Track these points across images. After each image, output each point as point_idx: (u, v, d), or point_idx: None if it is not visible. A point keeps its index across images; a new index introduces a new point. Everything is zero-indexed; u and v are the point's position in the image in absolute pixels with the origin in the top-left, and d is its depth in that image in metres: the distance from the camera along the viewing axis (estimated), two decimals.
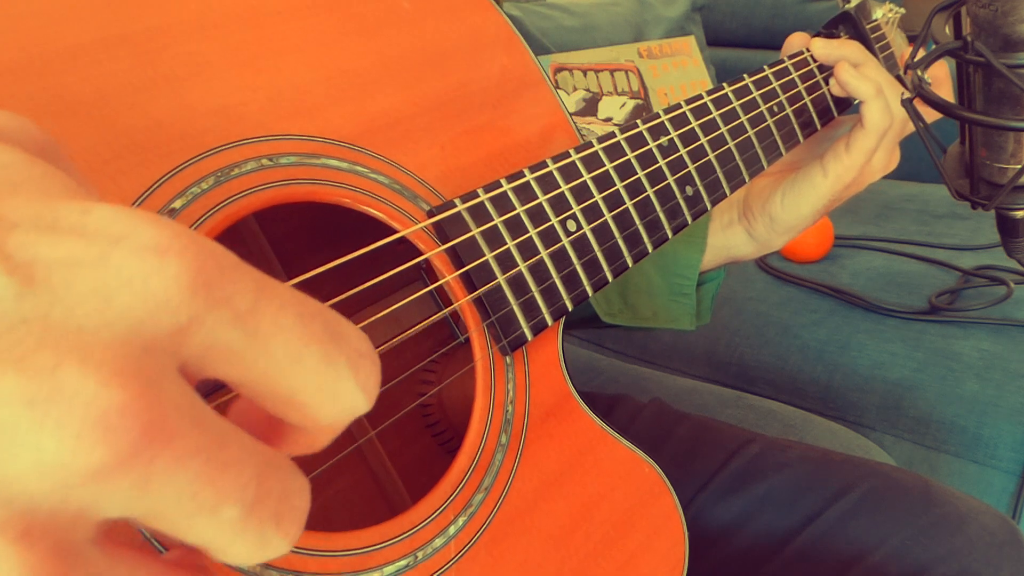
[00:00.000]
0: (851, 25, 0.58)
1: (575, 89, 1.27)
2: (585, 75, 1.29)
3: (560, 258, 0.37)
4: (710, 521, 0.59)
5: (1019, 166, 0.44)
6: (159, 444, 0.13)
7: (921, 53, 0.44)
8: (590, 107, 1.28)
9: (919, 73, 0.44)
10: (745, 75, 0.49)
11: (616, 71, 1.33)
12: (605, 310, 0.61)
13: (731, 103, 0.47)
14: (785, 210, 0.56)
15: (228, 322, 0.14)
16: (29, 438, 0.12)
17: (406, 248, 0.34)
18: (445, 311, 0.35)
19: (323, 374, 0.15)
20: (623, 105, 1.31)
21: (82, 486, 0.13)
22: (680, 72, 1.39)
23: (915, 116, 0.45)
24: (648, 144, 0.41)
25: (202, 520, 0.14)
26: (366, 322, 0.35)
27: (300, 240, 0.45)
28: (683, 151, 0.43)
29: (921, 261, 1.11)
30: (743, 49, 1.63)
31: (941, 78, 0.59)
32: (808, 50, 0.54)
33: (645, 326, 0.61)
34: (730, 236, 0.59)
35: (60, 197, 0.14)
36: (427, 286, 0.37)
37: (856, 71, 0.53)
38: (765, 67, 0.51)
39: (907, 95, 0.44)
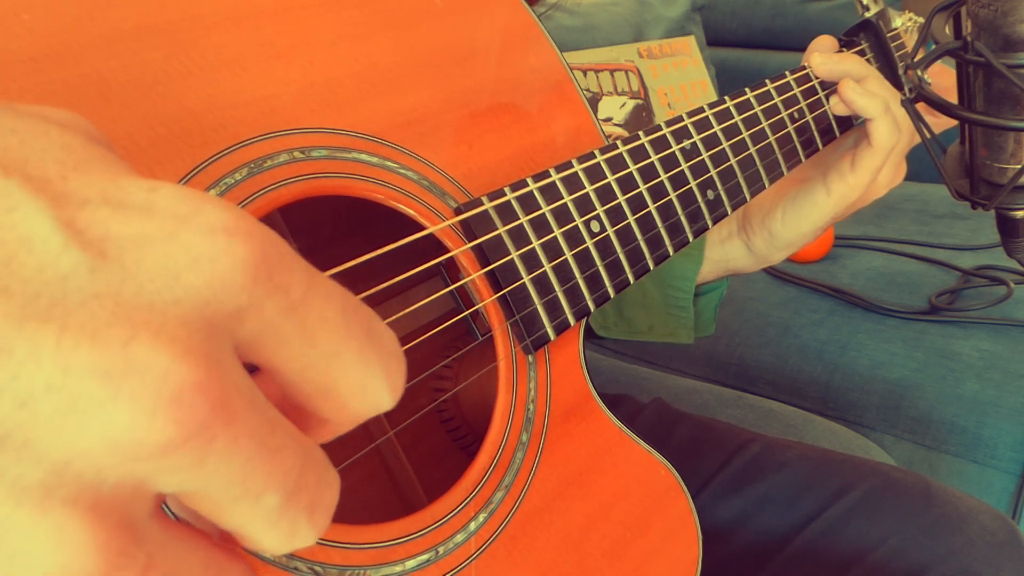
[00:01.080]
0: (872, 33, 0.57)
1: None
2: (585, 75, 1.29)
3: (584, 259, 0.37)
4: (711, 520, 0.59)
5: (1019, 166, 0.44)
6: (222, 423, 0.13)
7: (921, 53, 0.44)
8: (590, 107, 1.28)
9: (919, 73, 0.44)
10: (767, 80, 0.49)
11: (616, 71, 1.33)
12: (600, 323, 0.60)
13: (753, 108, 0.47)
14: (785, 227, 0.54)
15: (282, 310, 0.14)
16: (102, 410, 0.12)
17: (429, 242, 0.34)
18: (472, 308, 0.35)
19: (358, 370, 0.16)
20: (623, 105, 1.31)
21: (147, 460, 0.13)
22: (680, 72, 1.39)
23: (916, 117, 0.45)
24: (672, 147, 0.41)
25: (245, 505, 0.14)
26: (389, 320, 0.34)
27: (320, 230, 0.45)
28: (705, 155, 0.43)
29: (921, 261, 1.12)
30: (743, 49, 1.63)
31: (948, 88, 0.58)
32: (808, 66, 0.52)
33: (641, 339, 0.60)
34: (728, 249, 0.58)
35: (125, 176, 0.15)
36: (446, 281, 0.37)
37: (861, 88, 0.50)
38: (787, 72, 0.51)
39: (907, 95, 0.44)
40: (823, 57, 0.52)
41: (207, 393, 0.13)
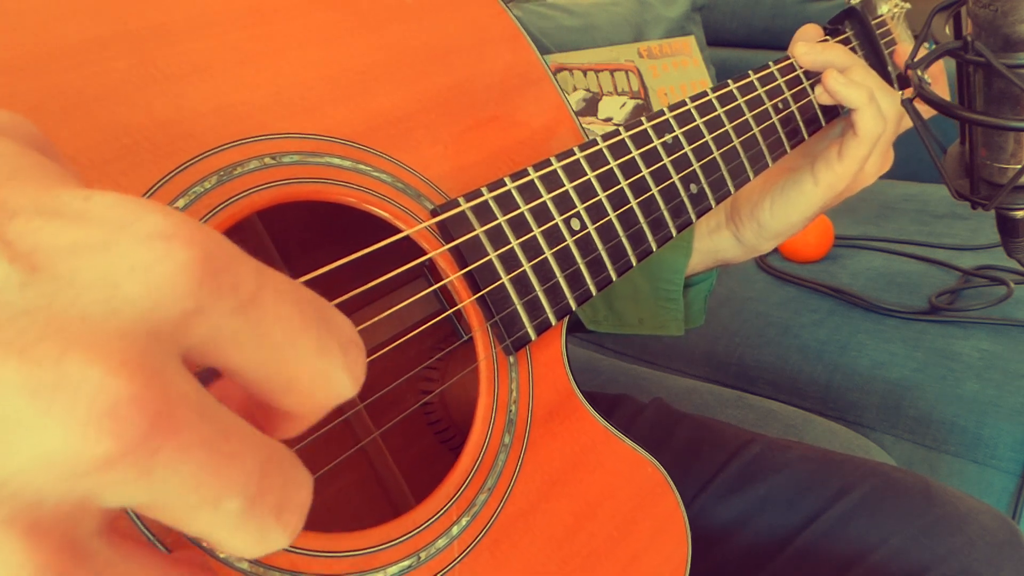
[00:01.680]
0: (857, 21, 0.57)
1: (575, 89, 1.27)
2: (585, 75, 1.29)
3: (564, 257, 0.37)
4: (711, 521, 0.59)
5: (1019, 166, 0.44)
6: (165, 434, 0.13)
7: (921, 53, 0.44)
8: (590, 107, 1.28)
9: (919, 73, 0.44)
10: (751, 71, 0.49)
11: (616, 71, 1.33)
12: (589, 317, 0.60)
13: (736, 100, 0.47)
14: (774, 217, 0.54)
15: (232, 310, 0.14)
16: (34, 428, 0.12)
17: (410, 245, 0.34)
18: (448, 312, 0.35)
19: (318, 360, 0.16)
20: (623, 105, 1.31)
21: (86, 476, 0.12)
22: (680, 72, 1.39)
23: (916, 116, 0.45)
24: (653, 142, 0.41)
25: (204, 512, 0.14)
26: (370, 322, 0.35)
27: (302, 235, 0.45)
28: (688, 148, 0.43)
29: (921, 261, 1.11)
30: (743, 49, 1.63)
31: (935, 75, 0.58)
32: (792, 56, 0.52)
33: (631, 332, 0.60)
34: (717, 240, 0.58)
35: (59, 185, 0.14)
36: (429, 283, 0.36)
37: (845, 78, 0.50)
38: (771, 63, 0.51)
39: (906, 95, 0.44)
40: (806, 47, 0.52)
41: (145, 405, 0.13)
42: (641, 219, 0.40)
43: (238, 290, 0.14)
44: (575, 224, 0.37)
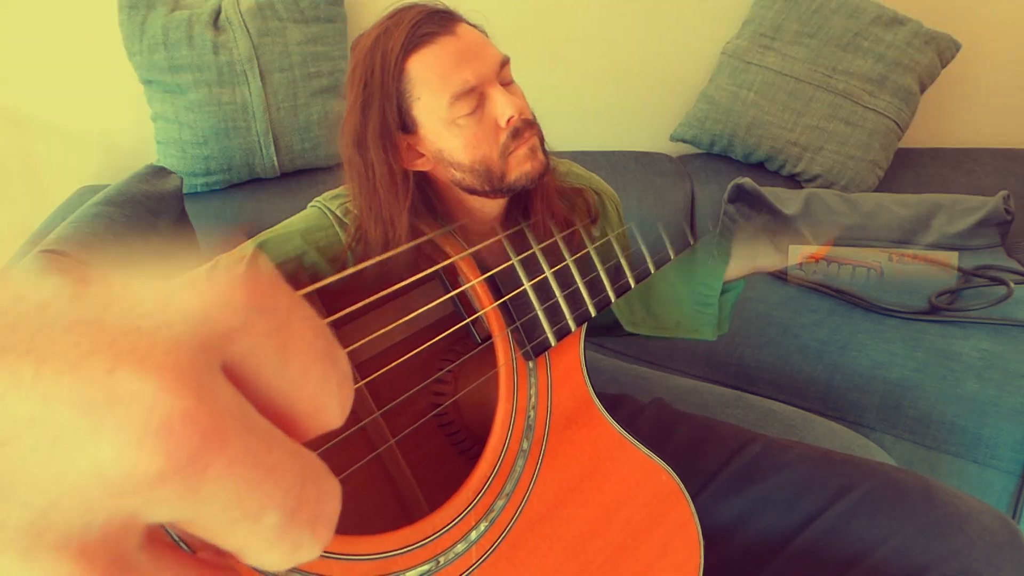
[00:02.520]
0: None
1: None
2: None
3: (584, 263, 0.37)
4: (712, 520, 0.59)
5: None
6: (215, 451, 0.13)
7: None
8: None
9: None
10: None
11: None
12: (628, 319, 0.61)
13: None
14: None
15: (269, 331, 0.14)
16: (87, 443, 0.12)
17: (428, 244, 0.34)
18: (468, 320, 0.35)
19: (319, 391, 0.16)
20: None
21: (135, 494, 0.12)
22: None
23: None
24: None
25: (243, 527, 0.14)
26: (390, 327, 0.34)
27: None
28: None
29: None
30: None
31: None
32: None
33: (667, 335, 0.61)
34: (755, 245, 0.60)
35: None
36: (445, 286, 0.36)
37: None
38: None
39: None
40: None
41: (198, 421, 0.12)
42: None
43: (277, 312, 0.14)
44: (596, 230, 0.37)
